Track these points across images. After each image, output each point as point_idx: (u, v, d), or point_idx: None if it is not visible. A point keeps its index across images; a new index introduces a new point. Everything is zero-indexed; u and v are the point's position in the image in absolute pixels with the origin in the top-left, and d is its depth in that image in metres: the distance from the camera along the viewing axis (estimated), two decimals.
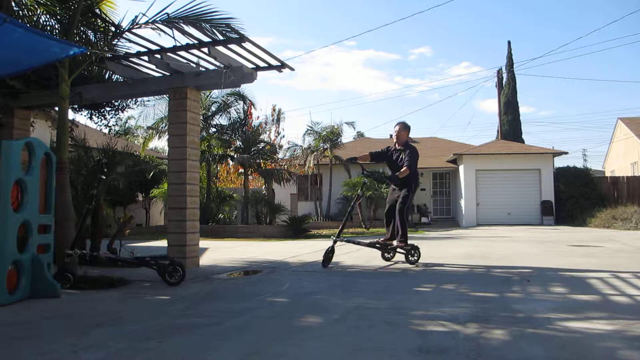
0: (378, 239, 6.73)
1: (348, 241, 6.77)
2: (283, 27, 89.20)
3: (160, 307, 3.88)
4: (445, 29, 79.11)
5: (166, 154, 11.17)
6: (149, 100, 14.05)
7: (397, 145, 6.41)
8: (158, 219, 19.46)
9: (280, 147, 21.93)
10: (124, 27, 5.83)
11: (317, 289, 4.63)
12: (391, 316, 3.37)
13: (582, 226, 16.10)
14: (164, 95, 10.39)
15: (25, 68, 5.37)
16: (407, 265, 5.93)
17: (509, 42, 28.54)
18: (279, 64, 6.37)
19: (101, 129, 9.90)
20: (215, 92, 16.40)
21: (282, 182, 17.94)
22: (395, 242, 6.20)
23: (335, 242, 6.07)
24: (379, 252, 6.48)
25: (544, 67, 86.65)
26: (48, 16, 6.03)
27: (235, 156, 17.90)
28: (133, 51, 6.17)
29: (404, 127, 6.42)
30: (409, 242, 6.22)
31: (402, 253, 6.09)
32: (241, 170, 19.84)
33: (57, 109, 6.48)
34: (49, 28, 6.09)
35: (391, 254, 6.40)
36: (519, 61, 45.70)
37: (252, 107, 18.18)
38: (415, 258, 6.06)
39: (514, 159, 19.42)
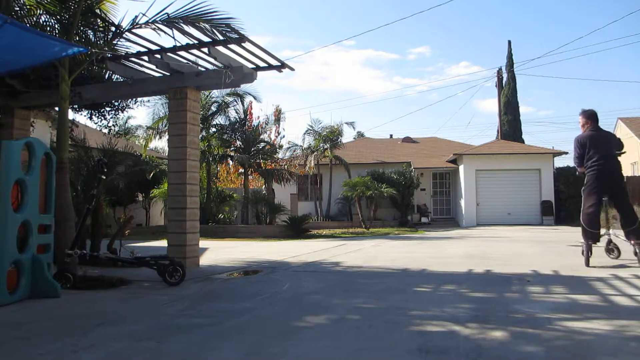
0: None
1: None
2: (282, 27, 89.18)
3: (160, 307, 3.88)
4: (445, 28, 79.05)
5: (166, 154, 11.17)
6: (148, 101, 14.05)
7: None
8: (158, 219, 19.45)
9: (281, 147, 21.93)
10: (124, 27, 5.84)
11: (317, 289, 4.63)
12: (391, 316, 3.37)
13: None
14: (164, 96, 10.41)
15: (24, 66, 5.38)
16: (407, 266, 5.92)
17: (509, 42, 28.57)
18: (279, 63, 6.37)
19: (101, 129, 9.90)
20: (215, 92, 16.43)
21: (282, 182, 17.94)
22: None
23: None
24: (379, 252, 6.44)
25: (545, 67, 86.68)
26: (48, 16, 6.04)
27: (235, 156, 17.91)
28: (133, 51, 6.17)
29: None
30: None
31: None
32: (241, 170, 19.84)
33: (57, 109, 6.48)
34: (48, 28, 6.10)
35: None
36: (519, 61, 45.75)
37: (252, 105, 18.24)
38: None
39: (514, 159, 19.42)
